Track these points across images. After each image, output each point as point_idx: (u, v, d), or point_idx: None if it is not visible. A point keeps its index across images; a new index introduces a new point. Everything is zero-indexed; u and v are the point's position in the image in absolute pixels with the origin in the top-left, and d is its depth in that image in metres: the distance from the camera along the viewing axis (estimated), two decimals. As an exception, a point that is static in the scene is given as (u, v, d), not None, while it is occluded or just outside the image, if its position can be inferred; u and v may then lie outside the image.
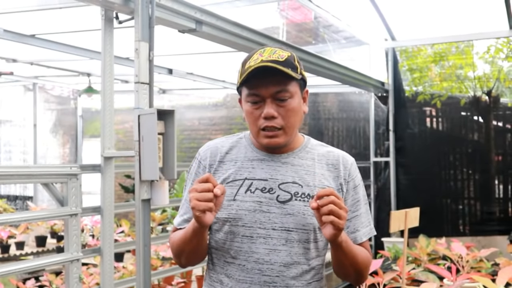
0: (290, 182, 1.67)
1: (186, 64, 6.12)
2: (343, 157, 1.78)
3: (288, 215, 1.65)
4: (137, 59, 2.90)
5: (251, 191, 1.67)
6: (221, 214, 1.67)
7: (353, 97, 7.42)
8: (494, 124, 6.41)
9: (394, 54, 6.66)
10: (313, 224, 1.66)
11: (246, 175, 1.69)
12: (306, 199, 1.66)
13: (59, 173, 2.77)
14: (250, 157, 1.72)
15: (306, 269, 1.68)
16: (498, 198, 6.40)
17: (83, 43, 5.00)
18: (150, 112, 2.83)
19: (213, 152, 1.75)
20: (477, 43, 6.69)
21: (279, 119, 1.64)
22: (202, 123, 8.75)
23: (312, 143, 1.80)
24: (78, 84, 7.98)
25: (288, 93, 1.65)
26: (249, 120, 1.68)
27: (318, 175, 1.71)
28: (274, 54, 1.64)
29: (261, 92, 1.63)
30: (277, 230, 1.65)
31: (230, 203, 1.67)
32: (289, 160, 1.71)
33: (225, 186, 1.66)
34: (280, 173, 1.69)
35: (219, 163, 1.72)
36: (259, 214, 1.65)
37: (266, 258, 1.64)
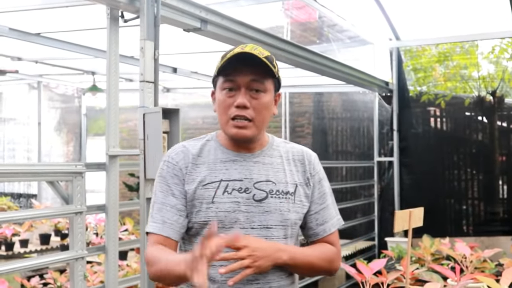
0: (264, 181, 1.71)
1: (191, 63, 6.13)
2: (306, 152, 1.84)
3: (266, 213, 1.69)
4: (142, 58, 2.91)
5: (228, 192, 1.68)
6: (200, 218, 1.68)
7: (357, 96, 7.42)
8: (499, 124, 6.40)
9: (398, 53, 6.64)
10: (290, 220, 1.72)
11: (221, 176, 1.70)
12: (280, 196, 1.71)
13: (64, 171, 2.78)
14: (222, 159, 1.73)
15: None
16: (502, 198, 6.38)
17: (88, 41, 5.01)
18: (155, 111, 2.83)
19: (185, 155, 1.74)
20: (481, 43, 6.68)
21: (251, 110, 1.67)
22: (206, 122, 8.75)
23: (277, 140, 1.84)
24: (82, 82, 7.99)
25: (262, 86, 1.68)
26: (220, 109, 1.70)
27: (287, 172, 1.76)
28: (255, 50, 1.67)
29: (237, 79, 1.66)
30: (256, 229, 1.68)
31: (209, 205, 1.67)
32: (260, 159, 1.74)
33: (201, 188, 1.68)
34: (253, 173, 1.71)
35: (192, 165, 1.72)
36: (238, 214, 1.67)
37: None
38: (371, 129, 7.05)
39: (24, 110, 8.72)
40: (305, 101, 8.16)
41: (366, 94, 7.08)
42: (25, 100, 8.59)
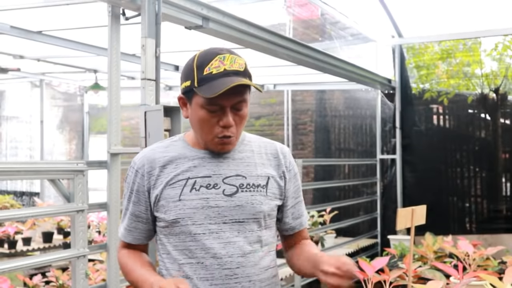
0: (233, 176, 1.70)
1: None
2: (281, 147, 1.84)
3: (238, 207, 1.68)
4: (143, 56, 2.90)
5: (195, 189, 1.67)
6: (168, 216, 1.67)
7: (359, 94, 7.40)
8: (502, 121, 6.38)
9: (401, 51, 6.63)
10: (263, 212, 1.71)
11: (189, 174, 1.68)
12: (252, 189, 1.70)
13: (66, 169, 2.77)
14: (190, 157, 1.71)
15: (262, 255, 1.73)
16: (505, 196, 6.36)
17: (90, 39, 5.01)
18: (157, 109, 2.83)
19: (149, 159, 1.72)
20: (484, 40, 6.65)
21: (234, 127, 1.67)
22: (208, 120, 8.73)
23: (249, 136, 1.83)
24: (84, 80, 7.99)
25: (245, 103, 1.68)
26: (204, 126, 1.66)
27: (259, 165, 1.75)
28: (235, 63, 1.64)
29: (223, 103, 1.63)
30: (228, 223, 1.67)
31: (176, 204, 1.66)
32: (230, 155, 1.73)
33: (168, 188, 1.68)
34: (222, 168, 1.70)
35: (161, 168, 1.70)
36: (207, 210, 1.66)
37: (223, 252, 1.66)
38: (373, 127, 7.04)
39: (26, 108, 8.73)
40: (308, 98, 8.15)
41: (369, 91, 7.07)
42: (27, 98, 8.60)
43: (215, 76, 1.60)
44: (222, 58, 1.64)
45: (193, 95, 1.66)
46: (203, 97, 1.62)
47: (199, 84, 1.62)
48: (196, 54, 1.69)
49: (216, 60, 1.63)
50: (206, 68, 1.62)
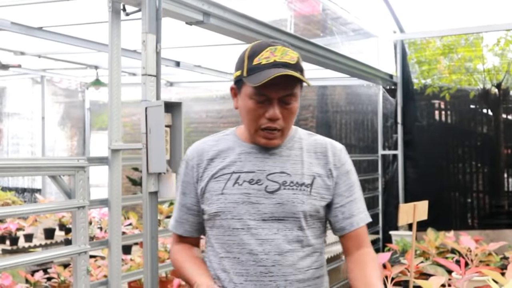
0: (277, 173, 1.68)
1: (194, 57, 6.11)
2: (331, 144, 1.79)
3: (278, 205, 1.66)
4: (144, 51, 2.89)
5: (238, 183, 1.67)
6: (211, 209, 1.69)
7: (361, 89, 7.38)
8: (504, 117, 6.36)
9: (402, 46, 6.61)
10: (304, 212, 1.67)
11: (234, 168, 1.69)
12: (295, 187, 1.67)
13: (67, 165, 2.76)
14: (238, 151, 1.72)
15: (301, 256, 1.69)
16: (507, 191, 6.36)
17: (90, 35, 5.00)
18: (157, 105, 2.82)
19: (199, 152, 1.75)
20: (486, 35, 6.63)
21: (281, 120, 1.65)
22: (210, 116, 8.73)
23: (300, 133, 1.80)
24: (85, 76, 7.98)
25: (294, 97, 1.66)
26: (250, 117, 1.66)
27: (306, 163, 1.71)
28: (286, 55, 1.63)
29: (271, 94, 1.62)
30: (268, 221, 1.66)
31: (219, 197, 1.68)
32: (277, 151, 1.71)
33: (212, 181, 1.70)
34: (267, 164, 1.69)
35: (208, 161, 1.73)
36: (248, 206, 1.66)
37: (260, 249, 1.65)
38: (375, 122, 7.02)
39: (27, 105, 8.72)
40: (309, 94, 8.13)
41: (370, 87, 7.05)
42: (28, 95, 8.58)
43: (264, 66, 1.60)
44: (274, 50, 1.64)
45: (242, 85, 1.67)
46: (251, 86, 1.62)
47: (248, 74, 1.63)
48: (249, 45, 1.70)
49: (267, 51, 1.64)
50: (256, 58, 1.63)
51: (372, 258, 1.73)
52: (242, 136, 1.75)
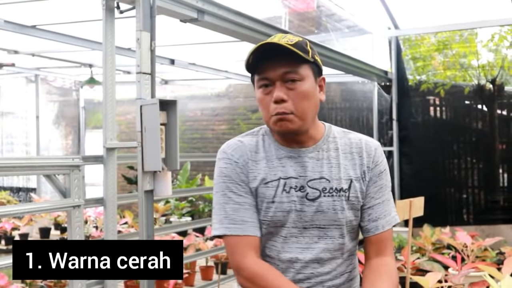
0: (317, 179, 1.64)
1: (188, 55, 6.09)
2: (367, 143, 1.71)
3: (319, 212, 1.63)
4: (138, 49, 2.88)
5: (286, 191, 1.63)
6: (263, 217, 1.64)
7: (356, 86, 7.38)
8: (499, 112, 6.37)
9: (397, 43, 6.61)
10: (345, 218, 1.64)
11: (280, 174, 1.64)
12: (334, 194, 1.63)
13: (62, 164, 2.75)
14: (278, 155, 1.66)
15: (339, 263, 1.67)
16: (502, 187, 6.37)
17: (85, 33, 4.98)
18: (152, 103, 2.81)
19: (243, 151, 1.68)
20: (481, 31, 6.63)
21: (289, 103, 1.58)
22: (205, 114, 8.72)
23: (334, 131, 1.74)
24: (80, 75, 7.96)
25: (297, 75, 1.59)
26: (261, 107, 1.64)
27: (342, 167, 1.66)
28: (283, 38, 1.59)
29: (270, 75, 1.59)
30: (309, 229, 1.63)
31: (270, 205, 1.63)
32: (314, 154, 1.66)
33: (262, 186, 1.64)
34: (308, 170, 1.64)
35: (252, 162, 1.66)
36: (293, 214, 1.63)
37: (300, 257, 1.63)
38: (370, 119, 7.02)
39: (22, 104, 8.69)
40: (304, 91, 8.12)
41: (365, 83, 7.05)
42: (22, 94, 8.55)
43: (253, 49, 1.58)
44: (273, 37, 1.62)
45: (253, 78, 1.66)
46: (256, 75, 1.62)
47: (247, 62, 1.62)
48: None
49: (267, 40, 1.62)
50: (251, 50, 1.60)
51: (388, 270, 1.66)
52: (278, 138, 1.69)
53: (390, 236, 1.72)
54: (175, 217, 6.99)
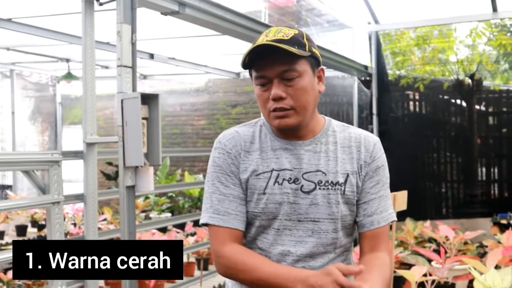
0: (313, 171, 1.61)
1: (168, 49, 6.02)
2: (365, 138, 1.69)
3: (313, 205, 1.60)
4: (119, 42, 2.82)
5: (278, 182, 1.61)
6: (251, 208, 1.63)
7: (336, 81, 7.38)
8: (477, 107, 6.43)
9: (377, 37, 6.61)
10: (339, 212, 1.61)
11: (273, 166, 1.62)
12: (330, 187, 1.61)
13: (40, 160, 2.69)
14: (274, 147, 1.65)
15: (332, 257, 1.64)
16: (481, 180, 6.43)
17: (62, 27, 4.88)
18: (134, 97, 2.75)
19: (237, 141, 1.66)
20: (460, 26, 6.69)
21: (288, 99, 1.57)
22: (184, 109, 8.65)
23: (334, 124, 1.71)
24: (57, 70, 7.83)
25: (295, 72, 1.57)
26: (260, 103, 1.62)
27: (340, 160, 1.64)
28: (279, 33, 1.57)
29: (267, 73, 1.57)
30: (303, 222, 1.60)
31: (261, 196, 1.61)
32: (312, 147, 1.64)
33: (253, 177, 1.62)
34: (303, 162, 1.62)
35: (245, 153, 1.65)
36: (286, 206, 1.60)
37: (292, 250, 1.60)
38: (350, 114, 7.02)
39: (-3, 100, 8.53)
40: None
41: (345, 78, 7.05)
42: (-3, 89, 8.40)
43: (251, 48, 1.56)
44: (268, 32, 1.60)
45: (251, 72, 1.64)
46: (253, 71, 1.60)
47: (243, 61, 1.59)
48: None
49: (262, 36, 1.59)
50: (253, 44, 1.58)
51: (380, 264, 1.62)
52: (275, 129, 1.67)
53: (386, 232, 1.70)
54: (154, 213, 6.92)
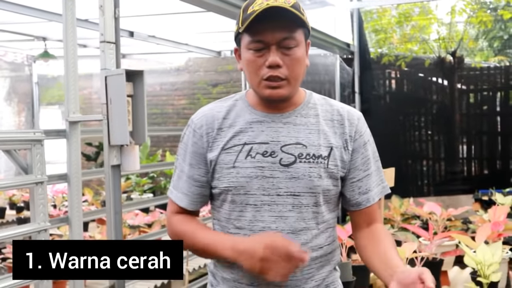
0: (293, 144, 1.56)
1: (148, 27, 5.91)
2: (348, 112, 1.65)
3: (294, 179, 1.54)
4: (101, 17, 2.73)
5: (251, 156, 1.55)
6: (222, 184, 1.57)
7: (317, 59, 7.32)
8: (459, 84, 6.45)
9: (359, 15, 6.56)
10: (321, 186, 1.56)
11: (245, 139, 1.57)
12: (311, 160, 1.55)
13: (22, 139, 2.60)
14: (249, 120, 1.59)
15: (316, 233, 1.59)
16: (462, 158, 6.48)
17: (38, 3, 4.74)
18: (118, 73, 2.67)
19: (208, 119, 1.61)
20: (440, 3, 6.67)
21: (284, 68, 1.52)
22: (164, 89, 8.54)
23: (315, 97, 1.67)
24: (32, 49, 7.65)
25: (294, 41, 1.53)
26: (250, 69, 1.55)
27: (322, 133, 1.59)
28: None
29: (267, 38, 1.51)
30: (283, 196, 1.55)
31: (230, 170, 1.56)
32: (291, 119, 1.59)
33: (223, 153, 1.57)
34: (282, 135, 1.57)
35: (218, 130, 1.59)
36: (262, 180, 1.54)
37: (273, 226, 1.54)
38: (332, 92, 6.98)
39: (-30, 80, 8.33)
40: (265, 65, 8.04)
41: (327, 57, 7.00)
42: (-29, 69, 8.19)
43: (256, 12, 1.48)
44: None
45: (241, 39, 1.56)
46: (247, 35, 1.52)
47: (243, 24, 1.52)
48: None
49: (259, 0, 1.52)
50: (250, 7, 1.51)
51: (386, 234, 1.64)
52: (253, 102, 1.62)
53: (381, 205, 1.70)
54: (136, 194, 6.84)
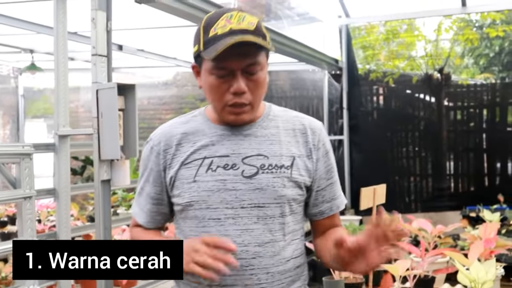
0: (254, 155, 1.54)
1: (137, 40, 5.88)
2: (310, 122, 1.66)
3: (257, 190, 1.52)
4: (94, 30, 2.70)
5: (212, 169, 1.53)
6: (183, 199, 1.55)
7: (306, 75, 7.35)
8: (446, 101, 6.49)
9: (347, 31, 6.60)
10: (286, 196, 1.54)
11: (206, 153, 1.55)
12: (274, 170, 1.54)
13: (11, 152, 2.55)
14: (209, 134, 1.58)
15: (283, 245, 1.56)
16: (449, 174, 6.50)
17: (27, 15, 4.69)
18: (110, 87, 2.65)
19: (166, 136, 1.59)
20: (428, 20, 6.74)
21: (248, 94, 1.51)
22: (152, 103, 8.50)
23: (274, 109, 1.66)
24: (19, 61, 7.58)
25: (259, 66, 1.51)
26: (214, 95, 1.53)
27: (284, 143, 1.58)
28: (243, 21, 1.47)
29: (232, 66, 1.48)
30: (247, 208, 1.52)
31: (191, 185, 1.53)
32: (252, 131, 1.57)
33: (183, 168, 1.55)
34: (242, 147, 1.55)
35: (177, 146, 1.58)
36: (224, 193, 1.51)
37: (238, 240, 1.50)
38: (320, 108, 7.00)
39: (-45, 92, 8.22)
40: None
41: (316, 72, 7.02)
42: (-45, 81, 8.09)
43: (220, 36, 1.45)
44: (229, 17, 1.49)
45: (202, 60, 1.52)
46: (210, 60, 1.48)
47: (205, 47, 1.48)
48: (205, 16, 1.54)
49: (223, 20, 1.48)
50: (212, 28, 1.48)
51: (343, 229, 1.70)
52: (212, 117, 1.60)
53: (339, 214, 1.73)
54: (122, 208, 6.77)
